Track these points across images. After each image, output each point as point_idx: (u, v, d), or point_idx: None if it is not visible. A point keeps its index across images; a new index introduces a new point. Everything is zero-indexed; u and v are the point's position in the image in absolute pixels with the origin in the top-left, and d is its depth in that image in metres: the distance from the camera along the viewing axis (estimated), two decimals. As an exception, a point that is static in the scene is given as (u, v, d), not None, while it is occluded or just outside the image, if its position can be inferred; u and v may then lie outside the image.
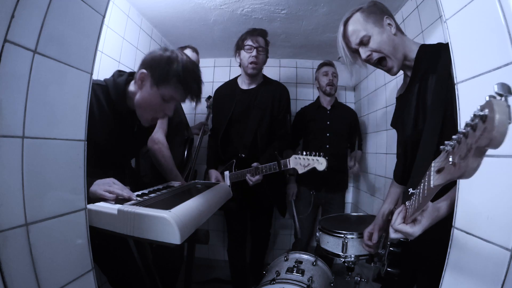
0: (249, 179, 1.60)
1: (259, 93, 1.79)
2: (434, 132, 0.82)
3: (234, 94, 1.83)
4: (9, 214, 0.51)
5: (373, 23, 0.94)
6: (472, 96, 0.63)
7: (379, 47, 0.94)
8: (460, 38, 0.66)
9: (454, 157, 0.36)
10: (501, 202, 0.53)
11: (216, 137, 1.87)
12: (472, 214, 0.60)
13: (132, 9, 1.80)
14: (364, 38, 0.95)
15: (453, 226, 0.65)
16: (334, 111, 2.15)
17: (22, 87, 0.53)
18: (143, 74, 1.01)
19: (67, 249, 0.63)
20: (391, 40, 0.94)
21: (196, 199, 0.93)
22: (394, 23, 0.97)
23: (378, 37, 0.94)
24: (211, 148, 1.94)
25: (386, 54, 0.94)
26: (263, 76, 1.88)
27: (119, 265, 1.05)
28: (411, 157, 0.96)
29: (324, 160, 1.41)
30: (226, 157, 1.82)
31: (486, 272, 0.55)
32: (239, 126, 1.79)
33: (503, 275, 0.50)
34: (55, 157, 0.60)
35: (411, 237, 0.68)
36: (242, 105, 1.79)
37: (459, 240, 0.63)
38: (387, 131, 1.89)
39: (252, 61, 1.71)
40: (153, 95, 1.02)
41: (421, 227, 0.66)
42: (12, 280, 0.50)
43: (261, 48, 1.72)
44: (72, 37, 0.63)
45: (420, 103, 0.91)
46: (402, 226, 0.67)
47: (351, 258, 1.24)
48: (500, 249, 0.52)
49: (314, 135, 2.12)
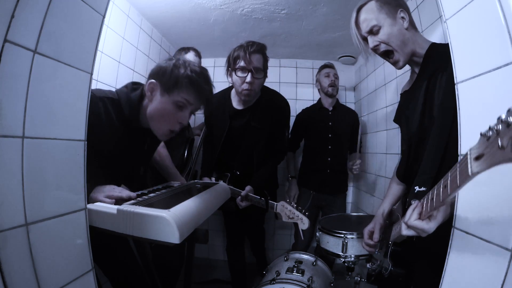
0: (238, 203, 1.54)
1: (256, 113, 1.57)
2: (444, 132, 0.81)
3: (227, 114, 1.61)
4: (9, 214, 0.51)
5: (385, 14, 0.93)
6: (472, 96, 0.63)
7: (388, 39, 0.93)
8: (460, 38, 0.66)
9: (503, 140, 0.35)
10: (501, 202, 0.53)
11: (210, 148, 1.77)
12: (472, 214, 0.60)
13: (132, 9, 1.80)
14: (374, 28, 0.94)
15: (453, 226, 0.65)
16: (336, 112, 2.15)
17: (22, 87, 0.53)
18: (152, 84, 0.97)
19: (67, 249, 0.63)
20: (402, 34, 0.93)
21: (195, 198, 0.93)
22: (408, 17, 0.95)
23: (388, 29, 0.92)
24: (206, 157, 1.85)
25: (394, 47, 0.93)
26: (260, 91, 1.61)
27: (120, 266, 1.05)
28: (415, 154, 0.95)
29: (307, 220, 1.38)
30: (221, 168, 1.76)
31: (486, 272, 0.55)
32: (234, 145, 1.66)
33: (503, 275, 0.50)
34: (55, 157, 0.60)
35: (425, 234, 0.66)
36: (237, 125, 1.61)
37: (459, 240, 0.63)
38: (387, 131, 1.89)
39: (244, 88, 1.43)
40: (165, 103, 0.96)
41: (436, 223, 0.64)
42: (12, 280, 0.50)
43: (258, 69, 1.42)
44: (72, 37, 0.63)
45: (428, 100, 0.90)
46: (418, 222, 0.64)
47: (351, 258, 1.24)
48: (500, 249, 0.52)
49: (316, 136, 2.12)
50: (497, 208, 0.54)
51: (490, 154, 0.38)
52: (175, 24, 2.04)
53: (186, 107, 0.99)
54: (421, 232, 0.66)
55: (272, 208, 1.47)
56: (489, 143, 0.38)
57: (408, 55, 0.94)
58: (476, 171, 0.41)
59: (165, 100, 0.96)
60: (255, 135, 1.60)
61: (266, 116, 1.57)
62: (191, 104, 0.99)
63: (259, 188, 1.55)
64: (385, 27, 0.93)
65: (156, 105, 0.97)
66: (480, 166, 0.41)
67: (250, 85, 1.41)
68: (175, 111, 0.97)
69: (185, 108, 0.99)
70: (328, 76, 2.11)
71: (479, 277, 0.57)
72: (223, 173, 1.74)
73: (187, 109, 1.00)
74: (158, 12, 1.88)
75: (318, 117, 2.14)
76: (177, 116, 0.98)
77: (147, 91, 0.98)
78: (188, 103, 0.98)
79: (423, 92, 0.91)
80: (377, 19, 0.93)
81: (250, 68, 1.40)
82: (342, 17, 1.85)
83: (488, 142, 0.38)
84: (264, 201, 1.48)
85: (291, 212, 1.42)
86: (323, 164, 2.08)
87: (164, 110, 0.97)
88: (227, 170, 1.73)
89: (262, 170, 1.64)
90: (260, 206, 1.50)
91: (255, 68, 1.41)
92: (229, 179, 1.69)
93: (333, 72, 2.13)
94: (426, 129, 0.89)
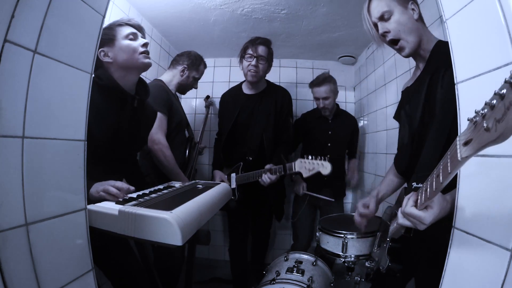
0: (265, 179, 1.64)
1: (262, 98, 1.85)
2: (443, 128, 0.81)
3: (238, 99, 1.88)
4: (9, 214, 0.51)
5: (397, 2, 0.95)
6: (472, 96, 0.63)
7: (397, 26, 0.93)
8: (460, 38, 0.66)
9: (488, 122, 0.37)
10: (501, 202, 0.53)
11: (221, 141, 1.91)
12: (472, 214, 0.60)
13: (132, 9, 1.80)
14: (385, 14, 0.95)
15: (453, 226, 0.65)
16: (336, 121, 2.10)
17: (22, 87, 0.53)
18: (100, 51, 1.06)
19: (67, 249, 0.63)
20: (412, 22, 0.94)
21: (197, 199, 0.93)
22: (418, 10, 0.96)
23: (398, 16, 0.93)
24: (217, 150, 1.98)
25: (402, 34, 0.94)
26: (266, 81, 1.92)
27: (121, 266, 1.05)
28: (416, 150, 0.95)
29: (329, 164, 1.46)
30: (232, 160, 1.86)
31: (486, 272, 0.55)
32: (244, 131, 1.83)
33: (503, 275, 0.50)
34: (55, 157, 0.60)
35: (422, 225, 0.65)
36: (246, 110, 1.84)
37: (459, 240, 0.63)
38: (387, 131, 1.89)
39: (250, 69, 1.75)
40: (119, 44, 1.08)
41: (432, 214, 0.64)
42: (12, 280, 0.50)
43: (262, 57, 1.75)
44: (72, 37, 0.63)
45: (430, 95, 0.90)
46: (414, 210, 0.64)
47: (351, 258, 1.23)
48: (500, 249, 0.52)
49: (314, 144, 2.09)
50: (497, 208, 0.54)
51: (477, 138, 0.39)
52: (175, 24, 2.04)
53: (136, 34, 1.13)
54: (417, 222, 0.65)
55: (291, 169, 1.54)
56: (476, 127, 0.40)
57: (414, 44, 0.94)
58: (465, 156, 0.43)
59: (117, 44, 1.08)
60: (263, 119, 1.81)
61: (271, 101, 1.83)
62: (136, 29, 1.14)
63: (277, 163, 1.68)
64: (396, 14, 0.94)
65: (115, 52, 1.08)
66: (468, 151, 0.42)
67: (255, 67, 1.75)
68: (129, 42, 1.11)
69: (135, 36, 1.13)
70: (318, 100, 1.99)
71: (479, 277, 0.57)
72: (235, 164, 1.83)
73: (137, 36, 1.14)
74: (158, 12, 1.88)
75: (317, 126, 2.09)
76: (133, 45, 1.11)
77: (102, 57, 1.07)
78: (131, 31, 1.12)
79: (425, 86, 0.91)
80: (389, 6, 0.94)
81: (255, 55, 1.74)
82: (342, 17, 1.85)
83: (475, 127, 0.40)
84: (282, 167, 1.58)
85: (310, 164, 1.48)
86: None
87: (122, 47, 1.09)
88: (239, 160, 1.82)
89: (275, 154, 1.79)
90: (278, 174, 1.61)
91: (260, 56, 1.75)
92: (242, 167, 1.79)
93: (322, 96, 1.96)
94: (426, 125, 0.89)
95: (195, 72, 1.81)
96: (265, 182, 1.65)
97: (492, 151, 0.55)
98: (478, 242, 0.57)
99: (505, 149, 0.52)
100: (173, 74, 1.78)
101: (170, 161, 1.54)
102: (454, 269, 0.64)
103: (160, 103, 1.56)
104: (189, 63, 1.78)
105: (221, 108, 2.00)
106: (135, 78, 1.16)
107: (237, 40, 2.26)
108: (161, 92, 1.61)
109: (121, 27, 1.11)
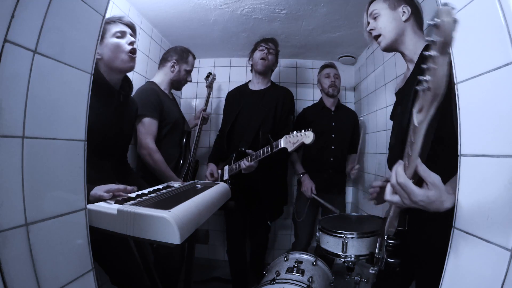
0: (243, 164, 1.66)
1: (265, 94, 1.95)
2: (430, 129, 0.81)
3: (243, 94, 2.00)
4: (9, 214, 0.51)
5: (388, 5, 1.02)
6: (472, 96, 0.63)
7: (380, 24, 1.02)
8: (460, 38, 0.66)
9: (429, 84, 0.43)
10: (501, 202, 0.53)
11: (222, 136, 1.97)
12: (472, 214, 0.60)
13: (132, 9, 1.80)
14: (375, 13, 1.04)
15: (453, 226, 0.65)
16: (338, 112, 2.15)
17: (22, 87, 0.53)
18: None
19: (67, 249, 0.63)
20: (397, 22, 1.00)
21: (196, 199, 0.93)
22: (411, 14, 1.00)
23: (384, 16, 1.02)
24: (215, 146, 2.08)
25: (382, 31, 1.02)
26: (271, 81, 2.03)
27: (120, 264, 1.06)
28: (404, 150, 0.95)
29: (311, 133, 1.47)
30: (229, 152, 1.89)
31: (486, 272, 0.55)
32: (243, 124, 1.89)
33: (503, 275, 0.50)
34: (55, 157, 0.60)
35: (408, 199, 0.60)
36: (249, 104, 1.93)
37: (459, 240, 0.63)
38: (387, 131, 1.89)
39: (262, 57, 1.90)
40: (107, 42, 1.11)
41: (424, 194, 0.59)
42: (12, 280, 0.50)
43: (272, 50, 1.95)
44: (72, 37, 0.63)
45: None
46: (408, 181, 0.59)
47: (351, 258, 1.23)
48: (500, 249, 0.52)
49: (319, 136, 2.10)
50: (497, 208, 0.54)
51: (425, 101, 0.45)
52: (175, 24, 2.04)
53: (124, 33, 1.15)
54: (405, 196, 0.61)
55: (277, 146, 1.56)
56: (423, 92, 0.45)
57: (391, 39, 1.01)
58: (420, 121, 0.48)
59: (105, 41, 1.10)
60: (262, 113, 1.88)
61: (273, 98, 1.93)
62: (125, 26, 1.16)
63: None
64: (383, 14, 1.02)
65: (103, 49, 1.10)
66: (421, 116, 0.48)
67: (266, 55, 1.92)
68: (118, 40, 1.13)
69: (123, 34, 1.15)
70: (329, 77, 2.12)
71: (479, 277, 0.57)
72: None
73: (126, 34, 1.16)
74: (158, 12, 1.88)
75: (321, 117, 2.14)
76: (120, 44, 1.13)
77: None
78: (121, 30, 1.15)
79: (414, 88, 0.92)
80: (379, 7, 1.04)
81: (267, 47, 1.93)
82: (342, 17, 1.85)
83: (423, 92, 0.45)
84: (269, 147, 1.59)
85: (294, 137, 1.50)
86: (326, 165, 2.08)
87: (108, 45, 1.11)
88: (234, 151, 1.85)
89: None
90: (265, 154, 1.60)
91: (271, 49, 1.95)
92: (234, 158, 1.81)
93: (333, 72, 2.13)
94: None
95: (185, 65, 1.81)
96: (244, 169, 1.67)
97: (492, 151, 0.55)
98: (478, 242, 0.57)
99: (505, 149, 0.52)
100: (164, 72, 1.78)
101: (159, 165, 1.54)
102: (454, 269, 0.64)
103: (150, 107, 1.56)
104: (178, 57, 1.78)
105: (226, 105, 2.08)
106: (121, 75, 1.19)
107: (237, 40, 2.27)
108: (151, 96, 1.60)
109: (111, 25, 1.14)
